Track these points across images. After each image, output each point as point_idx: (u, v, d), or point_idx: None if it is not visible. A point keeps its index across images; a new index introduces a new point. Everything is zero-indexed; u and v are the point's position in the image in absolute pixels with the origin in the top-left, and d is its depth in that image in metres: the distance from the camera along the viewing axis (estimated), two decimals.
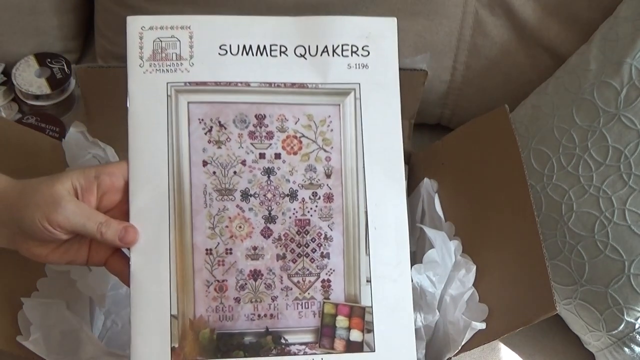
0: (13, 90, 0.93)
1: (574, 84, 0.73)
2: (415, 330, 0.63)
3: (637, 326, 0.68)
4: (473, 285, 0.63)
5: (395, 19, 0.57)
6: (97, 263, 0.53)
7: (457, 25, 0.82)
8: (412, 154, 0.81)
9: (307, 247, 0.55)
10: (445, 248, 0.65)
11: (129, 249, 0.52)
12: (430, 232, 0.66)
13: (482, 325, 0.59)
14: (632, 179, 0.67)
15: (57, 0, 0.92)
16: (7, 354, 0.56)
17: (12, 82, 0.92)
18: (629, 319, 0.67)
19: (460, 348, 0.60)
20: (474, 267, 0.63)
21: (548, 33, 0.82)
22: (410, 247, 0.75)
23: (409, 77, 0.71)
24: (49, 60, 0.94)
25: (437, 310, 0.63)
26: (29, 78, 0.92)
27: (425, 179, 0.74)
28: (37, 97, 0.91)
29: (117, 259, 0.53)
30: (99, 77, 0.70)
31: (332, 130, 0.56)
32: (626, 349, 0.69)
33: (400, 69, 0.71)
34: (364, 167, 0.55)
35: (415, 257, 0.74)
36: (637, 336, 0.68)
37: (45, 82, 0.92)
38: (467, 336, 0.59)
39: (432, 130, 0.93)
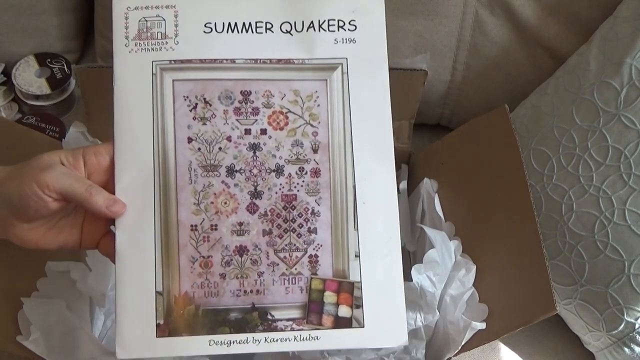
0: (13, 90, 0.93)
1: (574, 84, 0.73)
2: (415, 330, 0.63)
3: (637, 326, 0.68)
4: (473, 285, 0.63)
5: None
6: (90, 245, 0.53)
7: (457, 25, 0.82)
8: (412, 154, 0.81)
9: (293, 223, 0.54)
10: (445, 248, 0.65)
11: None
12: (430, 232, 0.66)
13: (482, 325, 0.59)
14: (632, 179, 0.67)
15: (57, 0, 0.92)
16: (7, 354, 0.56)
17: (12, 82, 0.92)
18: (629, 319, 0.67)
19: (460, 348, 0.59)
20: (474, 267, 0.63)
21: (548, 33, 0.82)
22: (410, 247, 0.76)
23: (409, 77, 0.71)
24: (49, 60, 0.94)
25: (437, 310, 0.63)
26: (29, 78, 0.92)
27: (425, 179, 0.74)
28: (37, 97, 0.91)
29: (109, 240, 0.53)
30: (99, 77, 0.70)
31: (319, 105, 0.55)
32: (626, 349, 0.69)
33: (400, 69, 0.71)
34: (351, 141, 0.55)
35: (415, 257, 0.74)
36: (637, 336, 0.68)
37: (45, 82, 0.92)
38: (467, 336, 0.59)
39: (432, 130, 0.93)
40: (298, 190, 0.54)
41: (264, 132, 0.55)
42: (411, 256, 0.76)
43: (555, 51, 0.83)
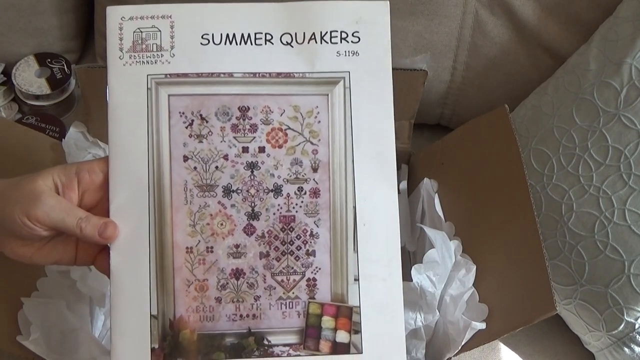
0: (13, 90, 0.93)
1: (574, 84, 0.73)
2: (415, 330, 0.63)
3: (637, 326, 0.68)
4: (473, 285, 0.63)
5: (387, 2, 0.54)
6: (85, 262, 0.53)
7: (457, 25, 0.82)
8: (412, 154, 0.81)
9: (291, 245, 0.52)
10: (445, 248, 0.65)
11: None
12: (430, 232, 0.66)
13: (482, 325, 0.59)
14: (632, 179, 0.67)
15: (57, 0, 0.92)
16: (7, 354, 0.56)
17: (12, 82, 0.92)
18: (629, 319, 0.67)
19: (460, 348, 0.60)
20: (474, 267, 0.63)
21: (548, 33, 0.82)
22: (410, 247, 0.76)
23: (409, 77, 0.71)
24: (49, 60, 0.94)
25: (437, 310, 0.63)
26: (29, 78, 0.92)
27: (425, 179, 0.74)
28: (37, 97, 0.91)
29: (105, 257, 0.52)
30: (99, 77, 0.70)
31: (319, 121, 0.53)
32: (626, 349, 0.69)
33: (400, 69, 0.71)
34: (353, 160, 0.53)
35: (415, 257, 0.74)
36: (637, 336, 0.68)
37: (45, 82, 0.92)
38: (467, 336, 0.59)
39: (432, 130, 0.93)
40: (297, 211, 0.53)
41: (262, 150, 0.53)
42: (411, 256, 0.76)
43: (555, 51, 0.83)
